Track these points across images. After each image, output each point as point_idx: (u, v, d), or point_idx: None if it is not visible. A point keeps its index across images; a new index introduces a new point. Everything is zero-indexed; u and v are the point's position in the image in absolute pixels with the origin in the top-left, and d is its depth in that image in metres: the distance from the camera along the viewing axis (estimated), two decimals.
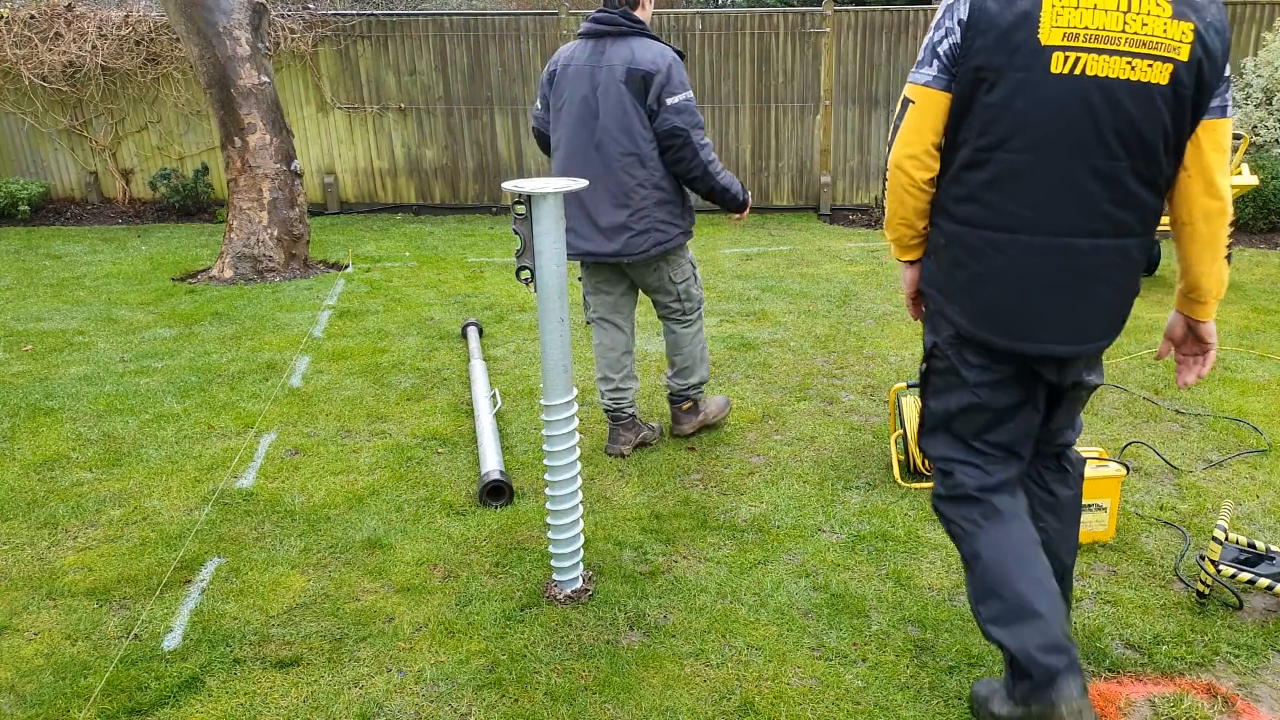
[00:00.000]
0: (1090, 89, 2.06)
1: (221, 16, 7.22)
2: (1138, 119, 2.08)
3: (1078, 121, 2.08)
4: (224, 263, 7.62)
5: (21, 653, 2.79)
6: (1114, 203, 2.15)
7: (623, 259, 3.85)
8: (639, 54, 3.69)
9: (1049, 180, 2.13)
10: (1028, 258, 2.19)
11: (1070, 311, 2.21)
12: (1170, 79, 2.05)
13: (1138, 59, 2.05)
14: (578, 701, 2.55)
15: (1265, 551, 2.97)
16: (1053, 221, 2.16)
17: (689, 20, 9.93)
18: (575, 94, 3.75)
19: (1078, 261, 2.18)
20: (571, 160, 3.80)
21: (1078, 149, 2.10)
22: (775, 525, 3.49)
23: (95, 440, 4.31)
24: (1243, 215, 8.56)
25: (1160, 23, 2.03)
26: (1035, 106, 2.09)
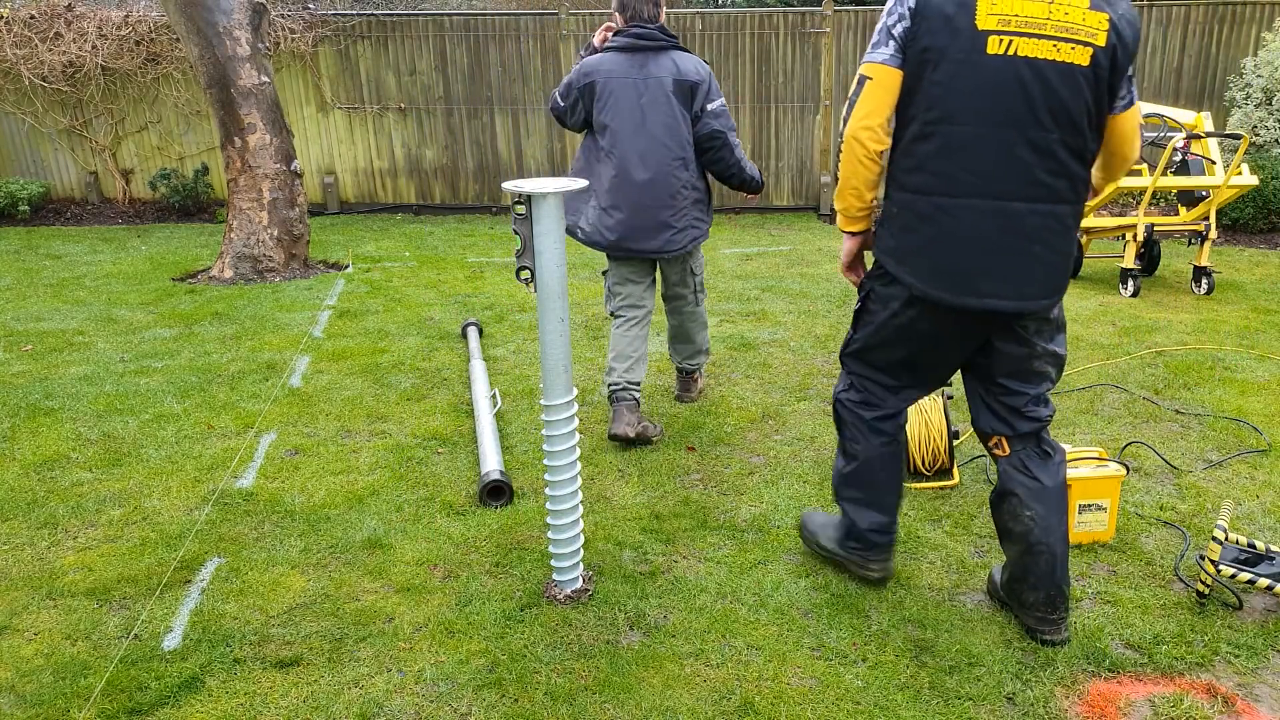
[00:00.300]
0: (1022, 68, 2.35)
1: (221, 16, 7.22)
2: (1065, 95, 2.37)
3: (1013, 96, 2.37)
4: (224, 263, 7.62)
5: (21, 653, 2.79)
6: (1048, 171, 2.42)
7: (664, 254, 4.20)
8: (683, 66, 4.05)
9: (990, 149, 2.40)
10: (973, 220, 2.46)
11: (1012, 270, 2.48)
12: (1090, 61, 2.36)
13: (1062, 42, 2.34)
14: (578, 701, 2.55)
15: (1265, 551, 2.97)
16: (995, 187, 2.43)
17: (689, 20, 9.92)
18: (624, 105, 4.05)
19: (1017, 224, 2.45)
20: (628, 167, 4.08)
21: (1014, 121, 2.38)
22: (775, 525, 3.49)
23: (95, 440, 4.31)
24: (1243, 215, 8.56)
25: (1080, 12, 2.35)
26: (975, 83, 2.37)
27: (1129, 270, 6.58)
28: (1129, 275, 6.58)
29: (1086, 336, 5.67)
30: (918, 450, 3.77)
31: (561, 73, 10.06)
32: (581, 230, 4.25)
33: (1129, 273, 6.58)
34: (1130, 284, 6.57)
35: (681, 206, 4.13)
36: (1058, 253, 2.51)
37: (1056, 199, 2.46)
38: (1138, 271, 6.60)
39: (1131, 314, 6.13)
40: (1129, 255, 6.58)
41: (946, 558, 3.25)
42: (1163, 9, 9.48)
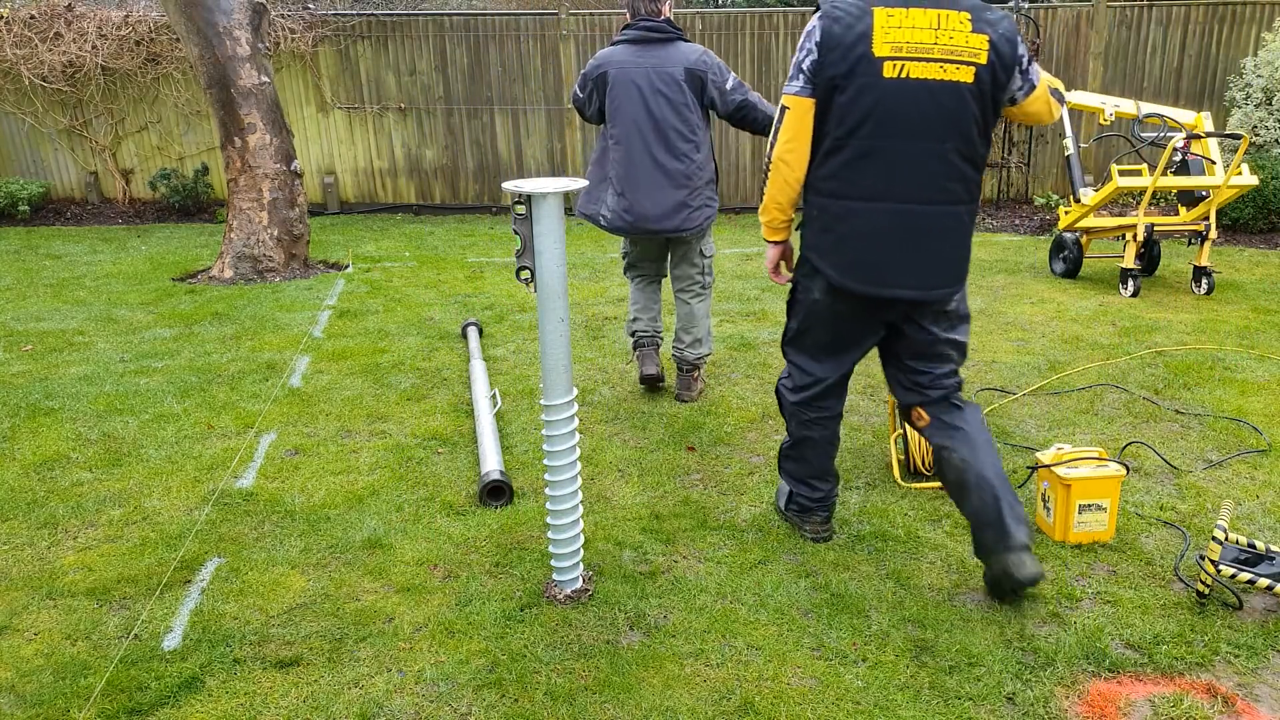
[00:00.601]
0: (915, 88, 2.71)
1: (221, 16, 7.22)
2: (953, 109, 2.74)
3: (908, 112, 2.73)
4: (224, 263, 7.62)
5: (21, 653, 2.79)
6: (943, 176, 2.79)
7: (681, 233, 4.44)
8: (689, 56, 4.30)
9: (891, 159, 2.77)
10: (879, 220, 2.84)
11: (913, 263, 2.85)
12: (974, 78, 2.73)
13: (948, 64, 2.70)
14: (578, 701, 2.55)
15: (1265, 551, 2.97)
16: (897, 191, 2.80)
17: (689, 20, 9.93)
18: (633, 98, 4.31)
19: (918, 223, 2.82)
20: (636, 154, 4.35)
21: (910, 134, 2.74)
22: (775, 525, 3.49)
23: (95, 440, 4.31)
24: (1243, 215, 8.56)
25: (963, 36, 2.70)
26: (877, 103, 2.73)
27: (1129, 270, 6.58)
28: (1129, 275, 6.58)
29: (1086, 336, 5.67)
30: (918, 450, 3.77)
31: (561, 73, 10.07)
32: (604, 218, 4.49)
33: (1129, 273, 6.58)
34: (1130, 284, 6.57)
35: (697, 187, 4.38)
36: (954, 248, 2.89)
37: (953, 201, 2.83)
38: (1138, 271, 6.60)
39: (1131, 314, 6.14)
40: (1129, 255, 6.58)
41: (946, 558, 3.25)
42: (1163, 9, 9.48)
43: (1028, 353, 5.40)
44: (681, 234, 4.43)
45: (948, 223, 2.85)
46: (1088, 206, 6.67)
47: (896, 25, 2.70)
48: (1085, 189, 6.76)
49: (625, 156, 4.36)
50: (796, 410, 3.27)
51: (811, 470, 3.32)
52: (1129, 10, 9.56)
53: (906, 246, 2.84)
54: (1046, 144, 9.94)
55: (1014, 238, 8.83)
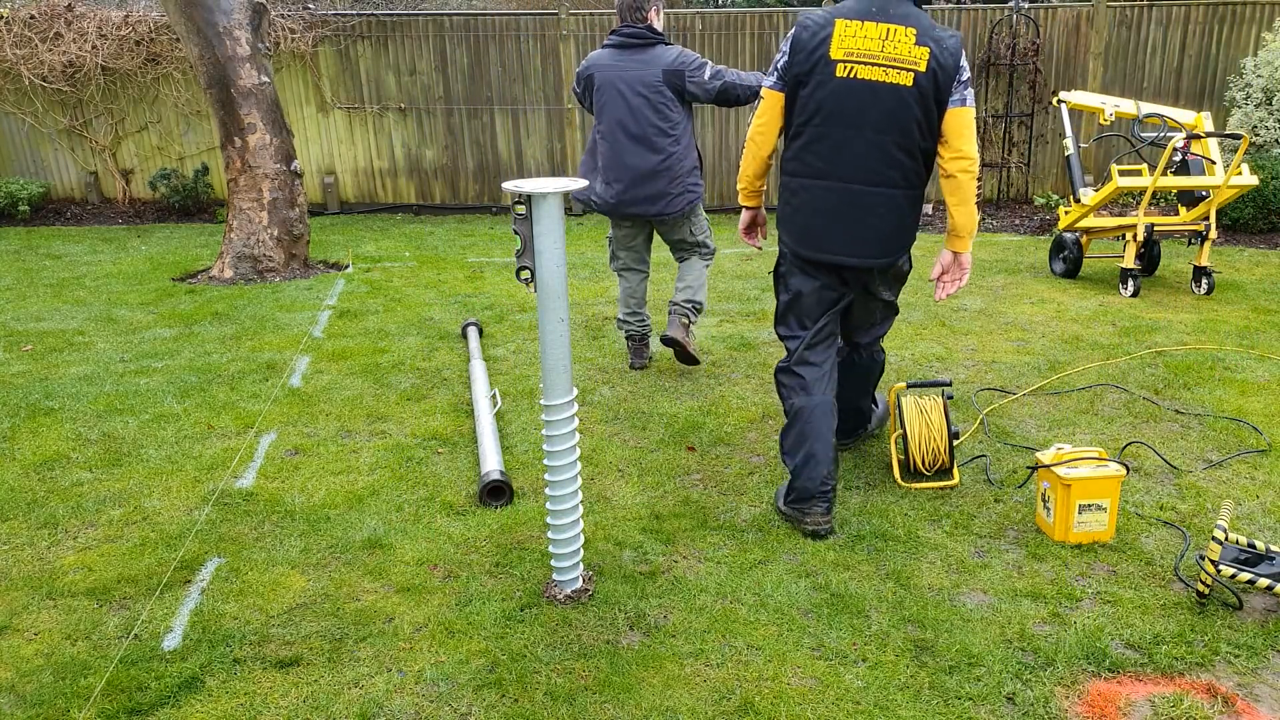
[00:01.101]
0: (861, 87, 3.19)
1: (221, 16, 7.22)
2: (892, 106, 3.19)
3: (854, 107, 3.21)
4: (224, 263, 7.61)
5: (21, 653, 2.79)
6: (882, 163, 3.25)
7: (666, 216, 4.86)
8: (666, 58, 4.71)
9: (837, 144, 3.26)
10: (825, 196, 3.33)
11: (852, 235, 3.33)
12: (913, 82, 3.16)
13: (890, 69, 3.17)
14: (578, 701, 2.55)
15: (1265, 551, 2.97)
16: (840, 172, 3.29)
17: (689, 20, 9.93)
18: (616, 99, 4.74)
19: (856, 200, 3.29)
20: (620, 150, 4.78)
21: (854, 125, 3.23)
22: (775, 525, 3.49)
23: (95, 440, 4.31)
24: (1243, 215, 8.55)
25: (906, 47, 3.16)
26: (828, 96, 3.23)
27: (1129, 270, 6.58)
28: (1129, 275, 6.58)
29: (1086, 336, 5.67)
30: (918, 450, 3.77)
31: (561, 73, 10.07)
32: (595, 199, 4.92)
33: (1129, 273, 6.58)
34: (1130, 284, 6.57)
35: (677, 175, 4.78)
36: (889, 224, 3.33)
37: (889, 184, 3.28)
38: (1138, 271, 6.60)
39: (1131, 314, 6.13)
40: (1129, 255, 6.58)
41: (946, 558, 3.25)
42: (1163, 9, 9.48)
43: (1028, 353, 5.40)
44: (665, 217, 4.86)
45: (884, 202, 3.29)
46: (1088, 206, 6.67)
47: (851, 35, 3.19)
48: (1085, 189, 6.75)
49: (610, 150, 4.81)
50: (784, 379, 3.55)
51: (808, 447, 3.41)
52: (1129, 10, 9.56)
53: (845, 220, 3.33)
54: (1046, 144, 9.94)
55: (1014, 238, 8.83)
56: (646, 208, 4.80)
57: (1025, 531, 3.42)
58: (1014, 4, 9.46)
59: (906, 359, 5.33)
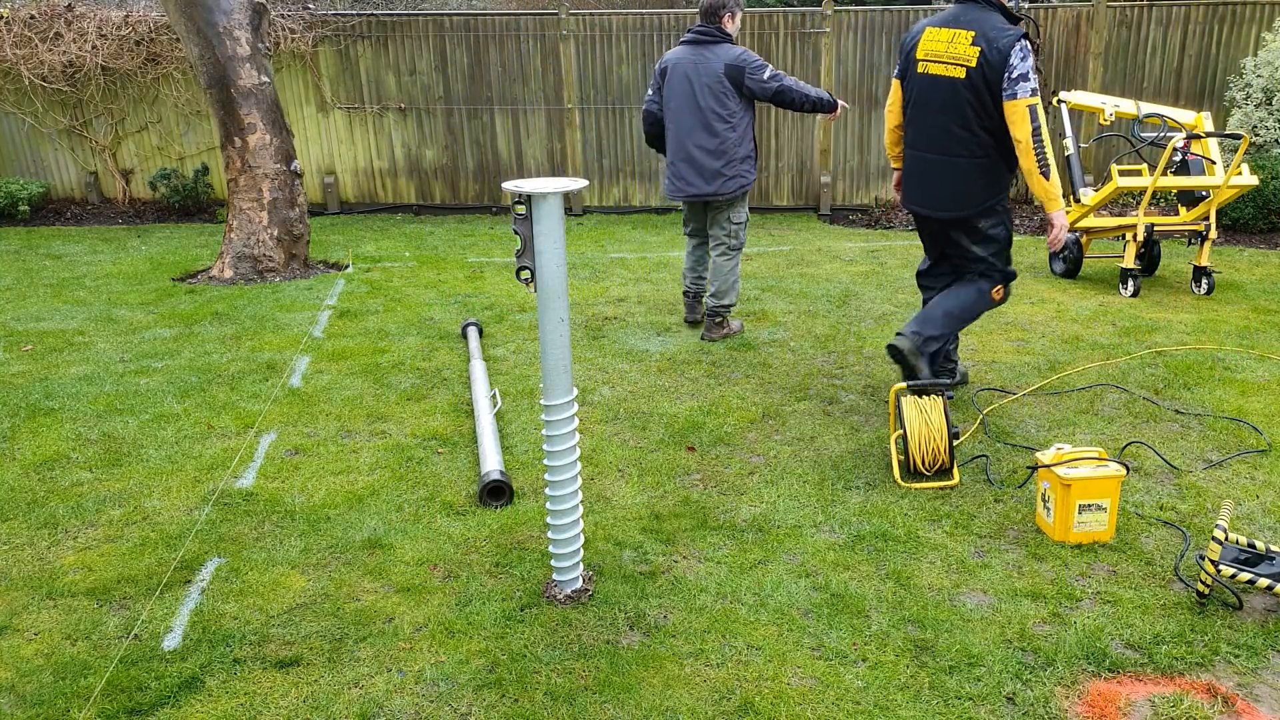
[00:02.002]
0: (930, 79, 4.18)
1: (221, 16, 7.22)
2: (950, 94, 4.11)
3: (928, 95, 4.21)
4: (224, 263, 7.61)
5: (21, 653, 2.79)
6: (944, 137, 4.18)
7: (718, 197, 5.51)
8: (731, 54, 5.38)
9: (916, 123, 4.31)
10: (911, 161, 4.38)
11: (924, 191, 4.34)
12: (965, 75, 4.05)
13: (950, 65, 4.09)
14: (578, 701, 2.55)
15: (1265, 551, 2.97)
16: (918, 143, 4.32)
17: (689, 20, 9.92)
18: (683, 85, 5.43)
19: (927, 165, 4.29)
20: (683, 129, 5.48)
21: (929, 109, 4.21)
22: (775, 525, 3.49)
23: (95, 440, 4.31)
24: (1243, 215, 8.55)
25: (963, 48, 4.05)
26: (913, 87, 4.28)
27: (1129, 270, 6.57)
28: (1129, 275, 6.58)
29: (1086, 336, 5.67)
30: (918, 450, 3.77)
31: (561, 72, 10.07)
32: (665, 188, 5.68)
33: (1129, 273, 6.58)
34: (1130, 284, 6.57)
35: (732, 160, 5.43)
36: (951, 184, 4.23)
37: (950, 154, 4.19)
38: (1138, 271, 6.60)
39: (1131, 314, 6.13)
40: (1129, 255, 6.57)
41: (946, 558, 3.25)
42: (1163, 9, 9.48)
43: (1028, 353, 5.40)
44: (718, 198, 5.50)
45: (949, 167, 4.20)
46: (1088, 206, 6.67)
47: (930, 39, 4.18)
48: (1085, 189, 6.75)
49: (674, 135, 5.52)
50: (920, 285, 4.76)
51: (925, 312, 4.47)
52: (1129, 10, 9.55)
53: (920, 179, 4.34)
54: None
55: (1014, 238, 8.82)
56: (703, 188, 5.47)
57: (1025, 531, 3.42)
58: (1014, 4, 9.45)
59: None
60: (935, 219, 4.34)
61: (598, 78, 10.07)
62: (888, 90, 10.57)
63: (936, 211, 4.30)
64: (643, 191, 10.44)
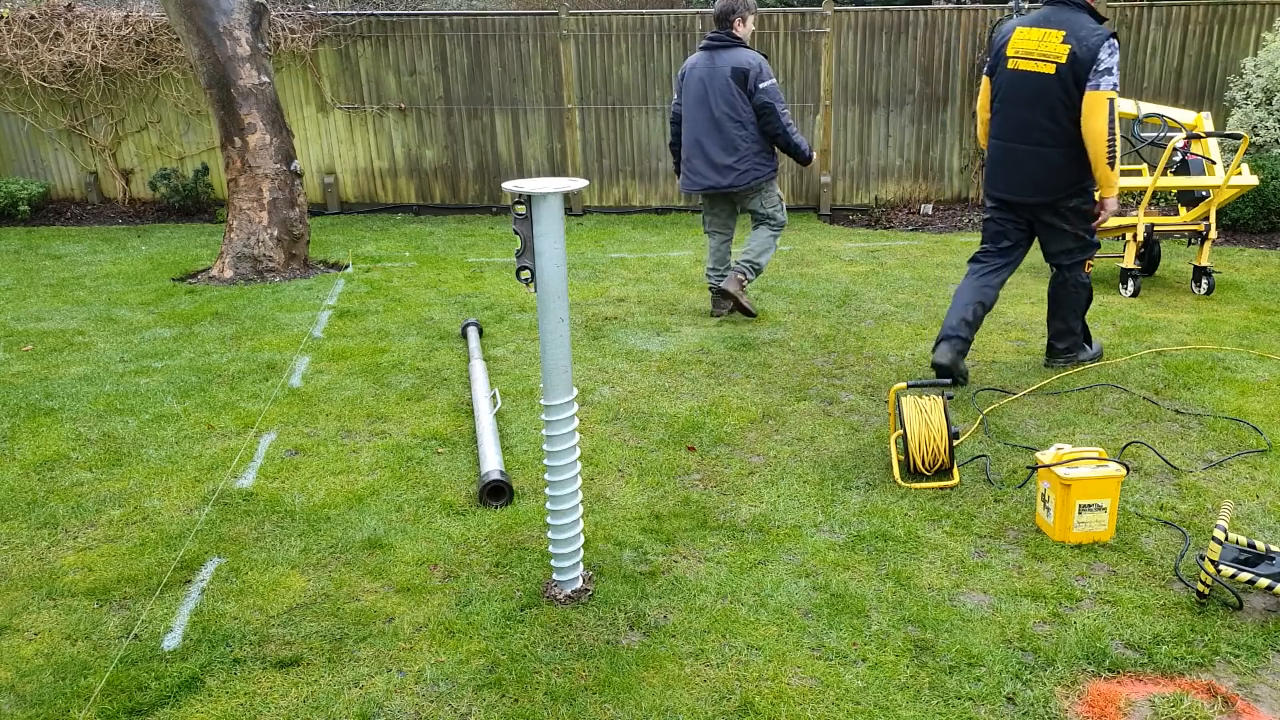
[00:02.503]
0: (1023, 76, 4.55)
1: (221, 16, 7.22)
2: (1039, 88, 4.48)
3: (1018, 91, 4.58)
4: (224, 263, 7.62)
5: (21, 653, 2.79)
6: (1031, 128, 4.55)
7: (732, 189, 5.91)
8: (740, 58, 5.76)
9: (1005, 116, 4.66)
10: (998, 151, 4.74)
11: (1013, 179, 4.70)
12: (1055, 71, 4.41)
13: (1041, 61, 4.46)
14: (578, 701, 2.55)
15: (1265, 551, 2.97)
16: (1008, 135, 4.67)
17: (689, 20, 9.93)
18: (697, 87, 5.85)
19: (1014, 155, 4.66)
20: (696, 128, 5.88)
21: (1018, 102, 4.58)
22: (775, 525, 3.49)
23: (95, 440, 4.31)
24: (1243, 215, 8.55)
25: (1053, 45, 4.41)
26: (1004, 83, 4.64)
27: (1129, 270, 6.57)
28: (1129, 275, 6.58)
29: None
30: (918, 450, 3.77)
31: (561, 72, 10.07)
32: (683, 183, 6.07)
33: (1129, 273, 6.58)
34: (1130, 284, 6.57)
35: (743, 154, 5.82)
36: (1038, 172, 4.60)
37: (1037, 144, 4.56)
38: (1138, 271, 6.60)
39: (1131, 314, 6.13)
40: (1129, 255, 6.57)
41: (946, 558, 3.25)
42: (1163, 9, 9.48)
43: (1028, 353, 5.40)
44: (734, 190, 5.90)
45: (1035, 156, 4.58)
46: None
47: (1021, 38, 4.54)
48: None
49: (688, 133, 5.94)
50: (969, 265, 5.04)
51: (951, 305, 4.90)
52: (1129, 10, 9.55)
53: (1007, 168, 4.71)
54: None
55: None
56: (718, 179, 5.85)
57: (1025, 531, 3.42)
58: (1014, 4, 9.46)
59: (906, 359, 5.33)
60: (1022, 204, 4.71)
61: (598, 78, 10.07)
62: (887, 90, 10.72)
63: (1024, 198, 4.66)
64: (643, 191, 10.44)
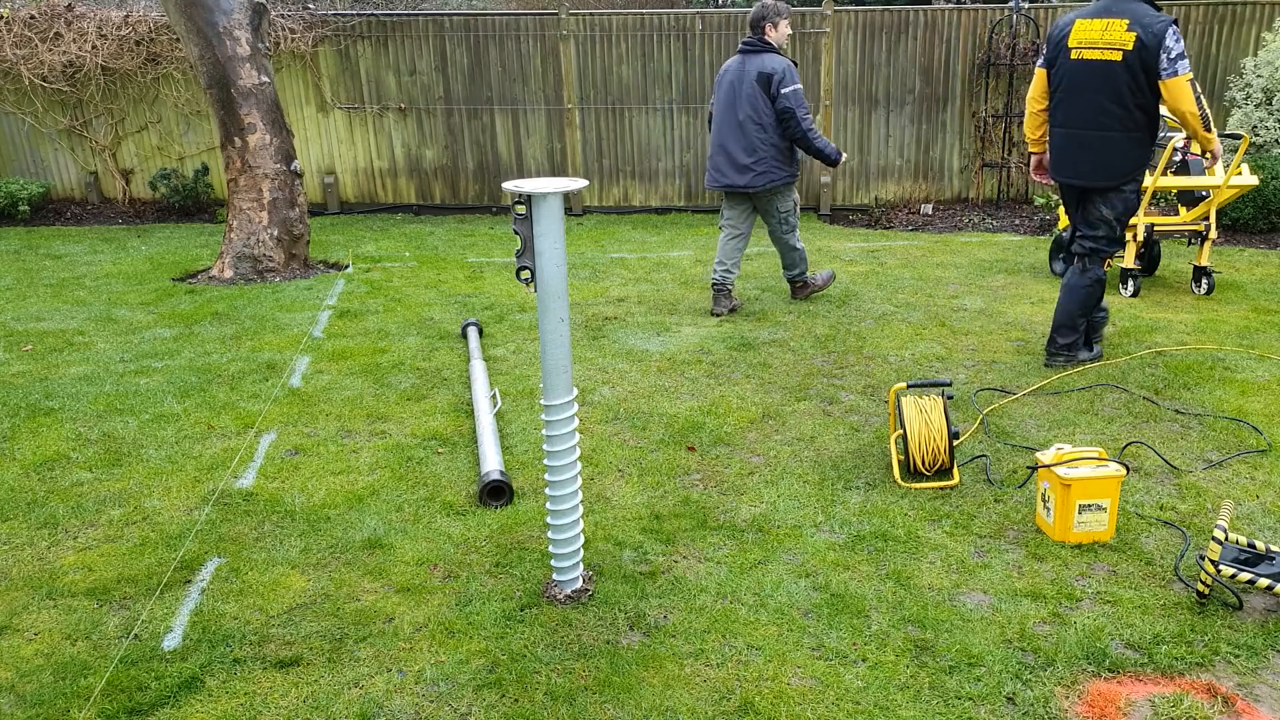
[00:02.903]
0: (1087, 64, 4.70)
1: (221, 16, 7.22)
2: (1105, 76, 4.64)
3: (1082, 79, 4.73)
4: (224, 263, 7.61)
5: (21, 653, 2.79)
6: (1097, 114, 4.71)
7: (748, 190, 6.13)
8: (767, 63, 6.01)
9: (1069, 104, 4.82)
10: (1061, 138, 4.91)
11: (1078, 162, 4.86)
12: (1121, 59, 4.57)
13: (1107, 50, 4.62)
14: (578, 701, 2.55)
15: (1265, 551, 2.97)
16: (1073, 121, 4.82)
17: (689, 20, 9.93)
18: (728, 90, 6.12)
19: (1078, 140, 4.82)
20: (722, 128, 6.14)
21: (1082, 89, 4.74)
22: (775, 525, 3.49)
23: (95, 440, 4.31)
24: (1243, 215, 8.55)
25: (1118, 34, 4.58)
26: (1067, 72, 4.79)
27: (1129, 270, 6.57)
28: (1129, 275, 6.58)
29: None
30: (918, 450, 3.77)
31: (561, 72, 10.07)
32: (706, 180, 6.34)
33: (1129, 273, 6.58)
34: (1130, 284, 6.57)
35: (761, 156, 6.02)
36: (1108, 156, 4.74)
37: (1105, 129, 4.70)
38: (1138, 271, 6.59)
39: (1131, 314, 6.13)
40: (1129, 255, 6.57)
41: (946, 558, 3.25)
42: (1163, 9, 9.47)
43: (1028, 353, 5.40)
44: (750, 190, 6.11)
45: (1100, 141, 4.73)
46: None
47: (1082, 29, 4.70)
48: None
49: (714, 133, 6.21)
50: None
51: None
52: None
53: (1071, 153, 4.86)
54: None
55: (1014, 238, 8.83)
56: (736, 178, 6.08)
57: (1025, 531, 3.42)
58: (1014, 4, 9.46)
59: (907, 359, 5.33)
60: (1083, 188, 4.88)
61: (598, 78, 10.07)
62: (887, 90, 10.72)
63: (1090, 181, 4.81)
64: (643, 191, 10.44)
